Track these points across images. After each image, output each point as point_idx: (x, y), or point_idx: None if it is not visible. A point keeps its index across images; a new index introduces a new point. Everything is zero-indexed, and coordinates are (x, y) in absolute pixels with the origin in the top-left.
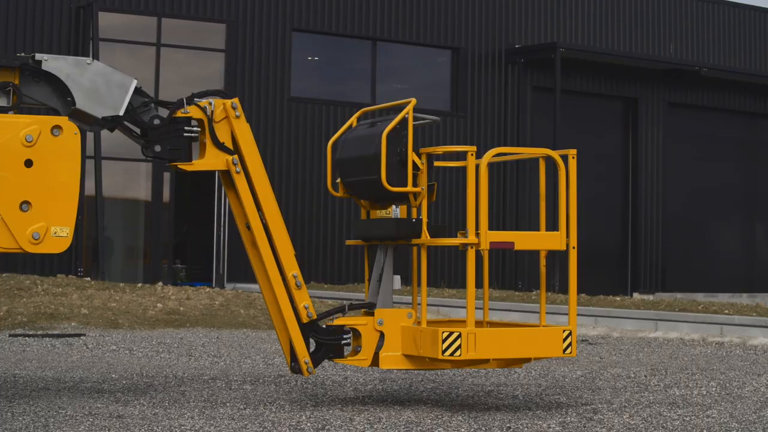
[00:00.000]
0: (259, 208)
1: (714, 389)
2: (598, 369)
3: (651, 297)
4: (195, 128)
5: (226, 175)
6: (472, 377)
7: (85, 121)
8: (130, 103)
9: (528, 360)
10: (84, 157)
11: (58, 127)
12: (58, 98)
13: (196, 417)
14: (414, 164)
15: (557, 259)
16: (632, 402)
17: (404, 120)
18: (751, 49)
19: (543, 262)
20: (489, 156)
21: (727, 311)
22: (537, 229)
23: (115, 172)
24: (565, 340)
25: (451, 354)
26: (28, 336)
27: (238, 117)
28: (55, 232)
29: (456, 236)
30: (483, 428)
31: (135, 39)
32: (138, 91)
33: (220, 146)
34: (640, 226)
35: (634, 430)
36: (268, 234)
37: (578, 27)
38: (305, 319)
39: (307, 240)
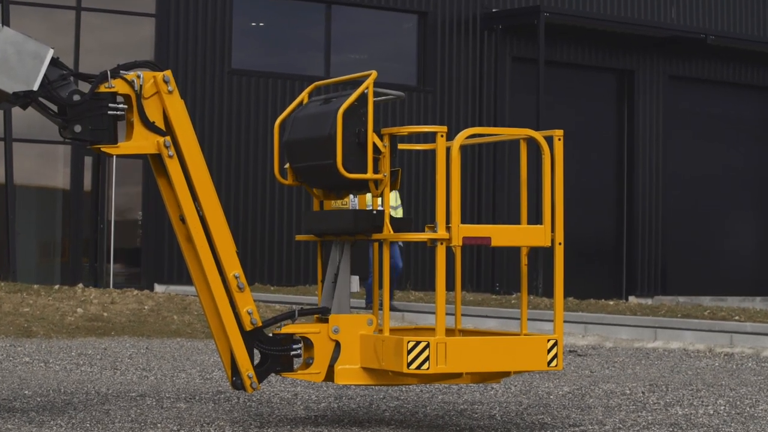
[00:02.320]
0: (194, 198)
1: (723, 408)
2: (588, 384)
3: (649, 301)
4: (121, 105)
5: (157, 159)
6: (442, 394)
7: None
8: (45, 75)
9: (507, 374)
10: None
11: None
12: None
13: None
14: (375, 147)
15: (541, 257)
16: (627, 423)
17: (363, 96)
18: (764, 15)
19: (524, 260)
20: (462, 138)
21: (737, 317)
22: (517, 222)
23: (29, 156)
24: (549, 351)
25: (418, 367)
26: None
27: (170, 92)
28: None
29: (423, 230)
30: None
31: (51, 2)
32: (55, 62)
33: (150, 126)
34: (636, 218)
35: None
36: (206, 228)
37: None
38: (248, 327)
39: (250, 235)
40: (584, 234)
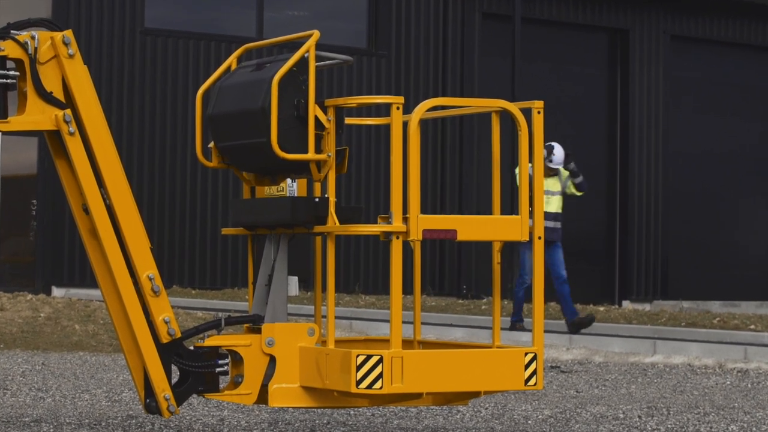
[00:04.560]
0: (100, 184)
1: None
2: (573, 407)
3: (647, 307)
4: (12, 72)
5: (55, 136)
6: (398, 418)
7: None
8: None
9: (476, 394)
10: None
11: None
12: None
13: None
14: (317, 122)
15: (516, 253)
16: None
17: (303, 60)
18: None
19: (497, 258)
20: (422, 110)
21: (753, 326)
22: (488, 212)
23: None
24: (527, 366)
25: (369, 386)
26: None
27: (71, 56)
28: None
29: (376, 222)
30: None
31: None
32: None
33: (47, 97)
34: (632, 207)
35: None
36: (114, 219)
37: None
38: (165, 338)
39: (167, 228)
40: (570, 226)
